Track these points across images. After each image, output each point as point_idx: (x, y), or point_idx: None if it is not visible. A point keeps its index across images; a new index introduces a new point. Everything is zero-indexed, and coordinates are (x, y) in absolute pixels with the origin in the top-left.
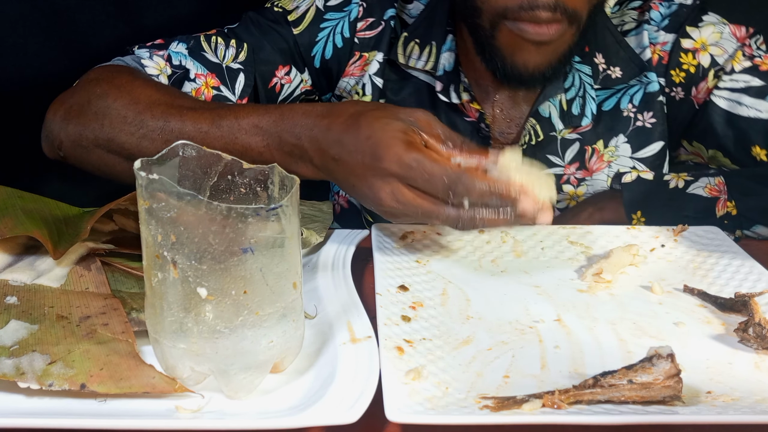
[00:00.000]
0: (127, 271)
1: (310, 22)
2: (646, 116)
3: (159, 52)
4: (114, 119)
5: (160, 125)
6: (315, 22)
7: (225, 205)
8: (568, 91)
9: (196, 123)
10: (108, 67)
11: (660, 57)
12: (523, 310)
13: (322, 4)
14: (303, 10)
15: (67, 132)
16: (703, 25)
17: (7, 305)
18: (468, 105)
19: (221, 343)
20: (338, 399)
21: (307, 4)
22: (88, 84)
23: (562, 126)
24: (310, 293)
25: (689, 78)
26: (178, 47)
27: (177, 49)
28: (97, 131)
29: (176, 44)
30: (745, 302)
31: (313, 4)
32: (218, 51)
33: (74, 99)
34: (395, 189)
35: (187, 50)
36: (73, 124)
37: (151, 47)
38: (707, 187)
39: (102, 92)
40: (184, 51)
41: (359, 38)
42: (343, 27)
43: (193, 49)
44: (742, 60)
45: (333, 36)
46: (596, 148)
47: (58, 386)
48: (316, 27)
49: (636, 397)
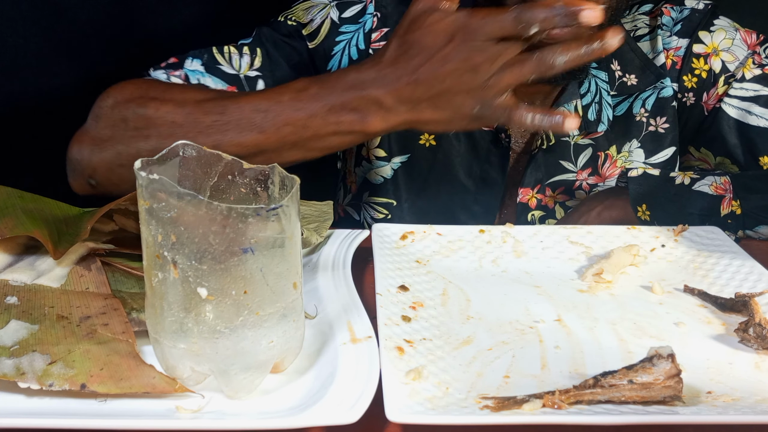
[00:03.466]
0: (128, 271)
1: (325, 35)
2: (659, 121)
3: (175, 72)
4: (162, 127)
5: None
6: (330, 35)
7: (225, 205)
8: (584, 96)
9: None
10: (130, 86)
11: (673, 62)
12: (524, 310)
13: (337, 17)
14: (318, 23)
15: (101, 158)
16: (715, 29)
17: (7, 305)
18: None
19: (221, 344)
20: (338, 399)
21: (321, 17)
22: (115, 108)
23: (577, 132)
24: (311, 293)
25: (701, 83)
26: (193, 65)
27: (193, 66)
28: (142, 144)
29: (191, 61)
30: (746, 302)
31: (327, 17)
32: (233, 61)
33: (101, 126)
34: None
35: (203, 66)
36: (108, 148)
37: (166, 68)
38: (713, 185)
39: (139, 106)
40: (200, 68)
41: (374, 49)
42: (359, 39)
43: (209, 64)
44: (752, 68)
45: (348, 48)
46: (609, 154)
47: (59, 386)
48: (332, 40)
49: (636, 397)
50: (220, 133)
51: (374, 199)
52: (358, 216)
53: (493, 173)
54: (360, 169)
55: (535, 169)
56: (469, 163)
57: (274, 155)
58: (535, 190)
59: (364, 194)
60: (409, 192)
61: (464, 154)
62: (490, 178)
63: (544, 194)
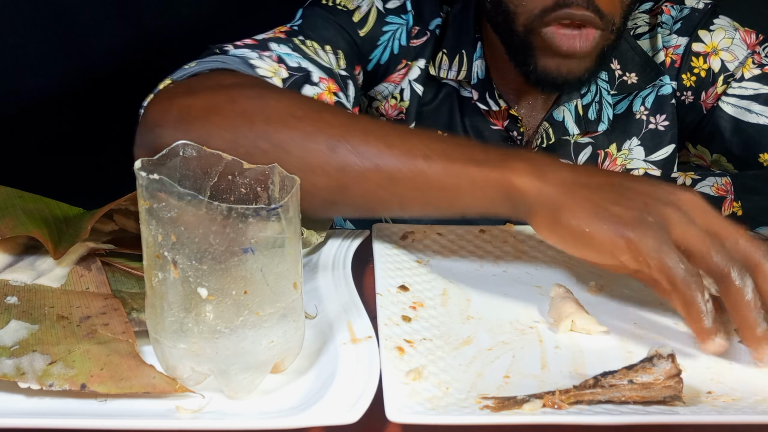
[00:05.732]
0: (128, 271)
1: (374, 24)
2: (659, 119)
3: (265, 53)
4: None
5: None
6: (378, 24)
7: (225, 206)
8: (584, 96)
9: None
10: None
11: (673, 60)
12: (524, 310)
13: (381, 6)
14: (365, 10)
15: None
16: (714, 28)
17: (7, 305)
18: (499, 112)
19: (222, 344)
20: (338, 399)
21: (368, 4)
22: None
23: (577, 130)
24: (311, 293)
25: (699, 82)
26: (281, 48)
27: (282, 50)
28: (243, 130)
29: (277, 45)
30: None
31: (373, 5)
32: (320, 56)
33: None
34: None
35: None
36: (198, 127)
37: (252, 47)
38: (714, 186)
39: (255, 95)
40: (295, 53)
41: (413, 47)
42: (402, 34)
43: (303, 53)
44: (752, 67)
45: (392, 41)
46: (609, 152)
47: (59, 386)
48: (379, 30)
49: (636, 397)
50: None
51: None
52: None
53: None
54: None
55: None
56: None
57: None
58: None
59: None
60: None
61: None
62: None
63: None
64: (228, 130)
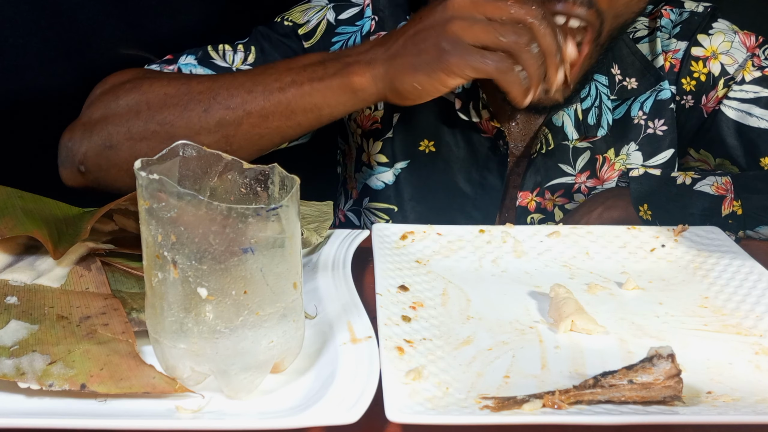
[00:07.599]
0: (128, 271)
1: (321, 35)
2: (657, 123)
3: (169, 67)
4: (153, 100)
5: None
6: (326, 36)
7: (225, 205)
8: (584, 101)
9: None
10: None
11: (672, 65)
12: (524, 310)
13: (333, 18)
14: (314, 23)
15: (90, 142)
16: (713, 32)
17: (7, 305)
18: (486, 123)
19: (221, 344)
20: (338, 399)
21: (318, 18)
22: (108, 93)
23: (576, 135)
24: (311, 293)
25: (699, 86)
26: (187, 59)
27: (186, 61)
28: (133, 121)
29: (185, 57)
30: None
31: (324, 18)
32: (227, 57)
33: (92, 110)
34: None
35: (196, 60)
36: (98, 131)
37: (161, 63)
38: (714, 185)
39: (132, 87)
40: (193, 62)
41: None
42: (355, 41)
43: (202, 58)
44: (752, 70)
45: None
46: (607, 157)
47: (59, 386)
48: (328, 41)
49: (636, 397)
50: (211, 98)
51: (374, 204)
52: (358, 222)
53: (492, 179)
54: (360, 174)
55: (534, 173)
56: (468, 169)
57: (260, 121)
58: (534, 193)
59: (364, 200)
60: (410, 198)
61: (463, 160)
62: (488, 183)
63: (543, 197)
64: (122, 125)
